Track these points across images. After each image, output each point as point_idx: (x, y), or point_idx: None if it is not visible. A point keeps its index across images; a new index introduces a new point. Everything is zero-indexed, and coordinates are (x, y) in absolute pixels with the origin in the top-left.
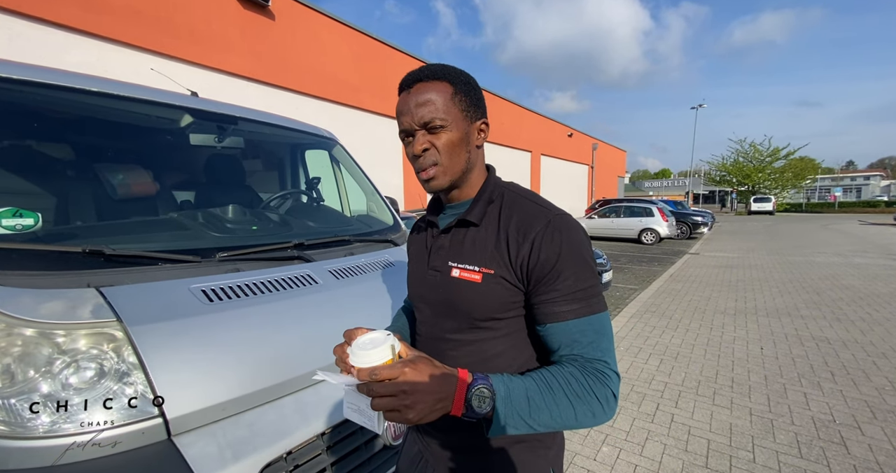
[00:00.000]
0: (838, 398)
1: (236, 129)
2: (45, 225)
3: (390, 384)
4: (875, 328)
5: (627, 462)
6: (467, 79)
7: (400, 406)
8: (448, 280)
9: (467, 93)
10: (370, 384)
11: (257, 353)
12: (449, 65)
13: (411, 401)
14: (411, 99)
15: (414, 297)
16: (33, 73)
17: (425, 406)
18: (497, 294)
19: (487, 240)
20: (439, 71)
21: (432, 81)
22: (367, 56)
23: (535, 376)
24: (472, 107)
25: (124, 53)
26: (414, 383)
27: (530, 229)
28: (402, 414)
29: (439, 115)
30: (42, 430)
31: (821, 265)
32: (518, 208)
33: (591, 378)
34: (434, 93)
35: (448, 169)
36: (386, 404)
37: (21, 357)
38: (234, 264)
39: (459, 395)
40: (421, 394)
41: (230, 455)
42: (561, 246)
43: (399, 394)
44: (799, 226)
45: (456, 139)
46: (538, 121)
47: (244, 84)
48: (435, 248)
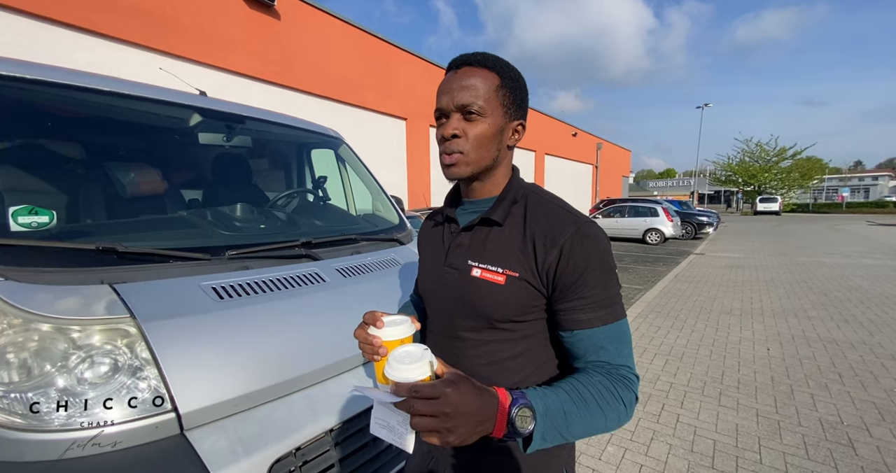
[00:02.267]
0: (846, 399)
1: (244, 128)
2: (58, 222)
3: (432, 403)
4: (883, 329)
5: (633, 462)
6: (517, 76)
7: (441, 428)
8: (467, 279)
9: (513, 89)
10: (412, 401)
11: (267, 350)
12: (502, 58)
13: (453, 425)
14: (456, 79)
15: (426, 293)
16: (46, 72)
17: (467, 430)
18: (519, 297)
19: (512, 242)
20: (491, 60)
21: (482, 68)
22: (372, 55)
23: (566, 387)
24: (514, 104)
25: (131, 53)
26: (456, 405)
27: (559, 235)
28: (442, 437)
29: (479, 102)
30: (58, 424)
31: (828, 266)
32: (544, 212)
33: (618, 384)
34: (480, 80)
35: (472, 161)
36: (427, 424)
37: (38, 351)
38: (243, 262)
39: (501, 417)
40: (463, 417)
41: (241, 450)
42: (590, 254)
43: (441, 416)
44: (806, 226)
45: (490, 132)
46: (542, 121)
47: (249, 83)
48: (454, 246)
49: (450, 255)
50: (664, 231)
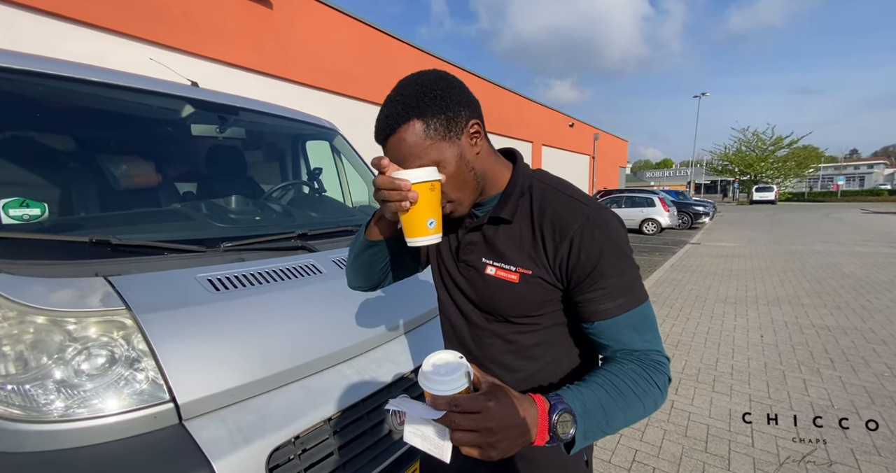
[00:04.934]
0: (837, 384)
1: (237, 120)
2: (50, 215)
3: (474, 419)
4: (875, 315)
5: (628, 447)
6: (433, 93)
7: (483, 443)
8: (482, 277)
9: (440, 114)
10: (452, 416)
11: (264, 341)
12: (409, 83)
13: (496, 440)
14: (392, 156)
15: (446, 285)
16: (34, 63)
17: (509, 443)
18: (534, 293)
19: (522, 238)
20: (400, 112)
21: (398, 129)
22: (368, 46)
23: (599, 381)
24: (451, 123)
25: (121, 43)
26: (499, 419)
27: (568, 227)
28: (484, 452)
29: (423, 162)
30: (57, 415)
31: (822, 254)
32: (551, 202)
33: (650, 369)
34: (407, 142)
35: (463, 199)
36: (469, 440)
37: (34, 344)
38: (238, 254)
39: (542, 425)
40: (506, 431)
41: (240, 439)
42: (602, 243)
43: (483, 432)
44: (801, 215)
45: (454, 169)
46: (539, 111)
47: (243, 75)
48: (465, 243)
49: (462, 252)
50: (661, 221)
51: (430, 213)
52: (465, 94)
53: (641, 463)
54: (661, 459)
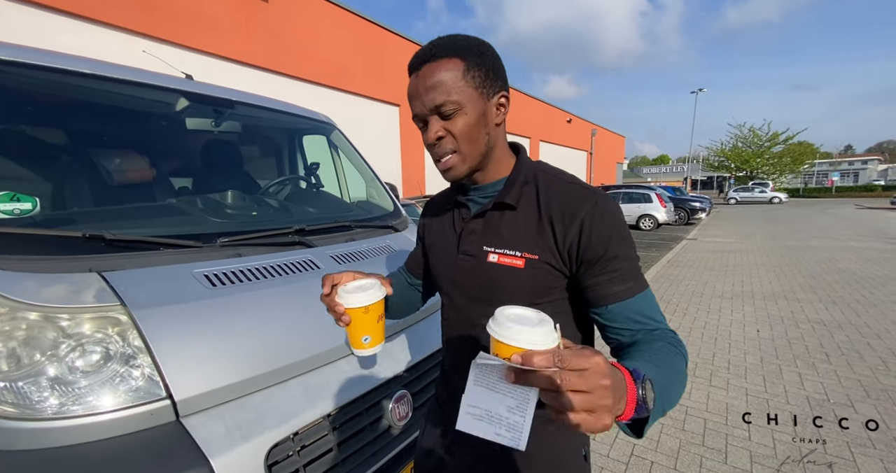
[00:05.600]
0: (833, 378)
1: (233, 114)
2: (42, 210)
3: (586, 375)
4: (870, 309)
5: (626, 441)
6: (480, 50)
7: (597, 406)
8: (484, 265)
9: (481, 66)
10: (562, 373)
11: (262, 337)
12: (460, 35)
13: (611, 402)
14: (421, 82)
15: (442, 281)
16: (24, 54)
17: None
18: (540, 279)
19: (528, 224)
20: (448, 46)
21: (441, 60)
22: (364, 39)
23: (645, 358)
24: (488, 81)
25: (113, 36)
26: (613, 376)
27: (577, 211)
28: (597, 418)
29: (451, 98)
30: (51, 412)
31: (817, 249)
32: (557, 189)
33: (676, 344)
34: (444, 73)
35: (467, 156)
36: (581, 403)
37: (26, 340)
38: (235, 249)
39: (632, 393)
40: (618, 392)
41: (238, 436)
42: (611, 226)
43: (598, 391)
44: (796, 210)
45: (473, 122)
46: (537, 107)
47: (238, 68)
48: (466, 232)
49: (463, 242)
50: (658, 217)
51: (365, 331)
52: (504, 70)
53: (639, 457)
54: (658, 453)
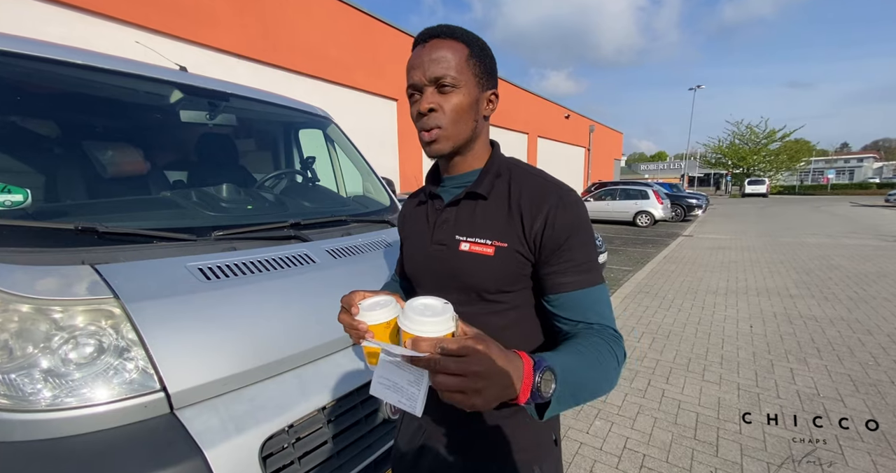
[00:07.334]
0: (823, 373)
1: (228, 106)
2: (34, 202)
3: (462, 361)
4: (861, 306)
5: (619, 435)
6: (482, 45)
7: (468, 388)
8: (455, 254)
9: (482, 59)
10: (439, 358)
11: (257, 330)
12: (467, 29)
13: (482, 386)
14: (426, 53)
15: (414, 273)
16: (16, 44)
17: (494, 392)
18: (509, 267)
19: (498, 214)
20: (457, 31)
21: (449, 39)
22: (361, 33)
23: (570, 350)
24: (485, 74)
25: (106, 27)
26: (488, 364)
27: (543, 202)
28: (468, 398)
29: (451, 74)
30: (44, 404)
31: (811, 246)
32: (527, 183)
33: (611, 343)
34: (450, 51)
35: (452, 135)
36: (454, 384)
37: (18, 332)
38: (230, 243)
39: (527, 381)
40: (494, 378)
41: (233, 428)
42: (573, 220)
43: (470, 376)
44: (791, 207)
45: (465, 104)
46: (535, 102)
47: (233, 61)
48: (439, 222)
49: (436, 232)
50: (654, 213)
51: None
52: (497, 72)
53: (632, 450)
54: (651, 446)
